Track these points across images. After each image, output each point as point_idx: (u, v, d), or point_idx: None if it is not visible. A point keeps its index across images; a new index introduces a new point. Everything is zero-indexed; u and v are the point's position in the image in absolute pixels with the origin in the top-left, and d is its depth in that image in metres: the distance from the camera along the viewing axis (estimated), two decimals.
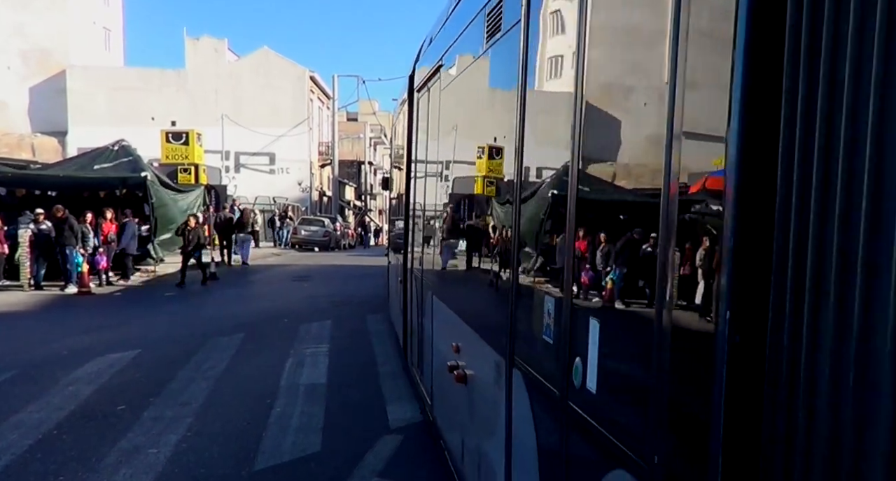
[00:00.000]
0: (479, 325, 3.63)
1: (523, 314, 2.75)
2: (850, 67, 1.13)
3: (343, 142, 48.21)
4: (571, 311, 2.17)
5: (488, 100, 3.74)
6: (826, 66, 1.17)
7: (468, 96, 4.34)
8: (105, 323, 11.13)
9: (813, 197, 1.18)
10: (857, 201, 1.10)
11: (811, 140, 1.19)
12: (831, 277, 1.14)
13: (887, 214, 1.06)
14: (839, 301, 1.12)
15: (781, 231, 1.25)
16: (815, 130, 1.19)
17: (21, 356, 8.40)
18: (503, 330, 2.96)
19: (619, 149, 2.08)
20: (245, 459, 5.21)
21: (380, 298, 12.76)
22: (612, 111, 2.10)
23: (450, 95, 4.89)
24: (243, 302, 13.91)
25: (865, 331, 1.07)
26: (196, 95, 40.90)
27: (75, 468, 5.00)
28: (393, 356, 8.60)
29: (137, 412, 6.28)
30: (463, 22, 4.21)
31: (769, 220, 1.27)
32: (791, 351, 1.22)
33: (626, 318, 1.94)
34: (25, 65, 39.61)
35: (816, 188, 1.17)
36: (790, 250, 1.23)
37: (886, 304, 1.04)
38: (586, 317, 2.03)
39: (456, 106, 4.72)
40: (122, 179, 16.82)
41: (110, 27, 45.63)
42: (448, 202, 5.09)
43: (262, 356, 8.71)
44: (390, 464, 5.14)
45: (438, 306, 5.00)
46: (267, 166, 42.47)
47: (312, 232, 32.10)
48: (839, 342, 1.11)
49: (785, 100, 1.25)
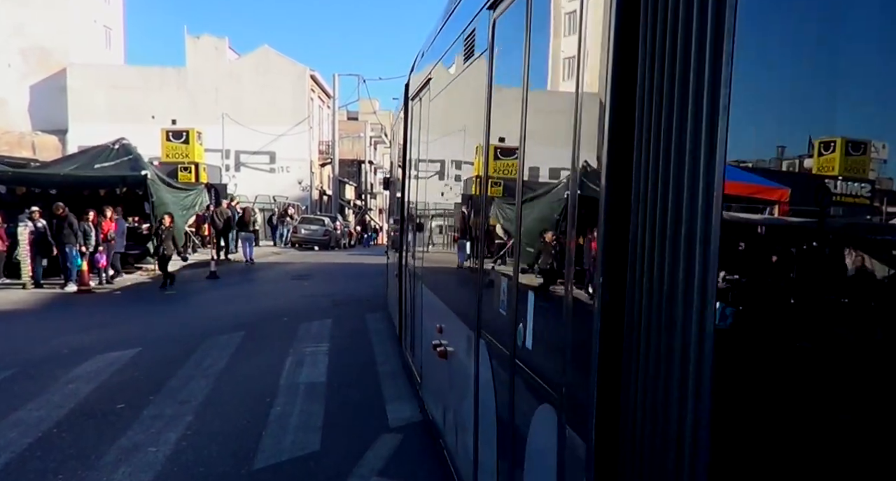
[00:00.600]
0: (456, 307, 4.25)
1: (487, 294, 3.37)
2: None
3: (343, 141, 48.19)
4: (517, 288, 2.76)
5: (466, 112, 4.16)
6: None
7: (451, 108, 4.91)
8: (105, 321, 11.13)
9: (649, 198, 1.73)
10: (677, 198, 1.62)
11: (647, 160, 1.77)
12: (660, 252, 1.69)
13: (695, 203, 1.55)
14: (666, 267, 1.66)
15: (633, 223, 1.81)
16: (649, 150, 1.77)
17: (21, 354, 8.40)
18: (473, 308, 3.58)
19: (550, 155, 2.57)
20: (244, 458, 5.21)
21: (379, 297, 12.76)
22: (545, 125, 2.66)
23: (437, 106, 5.47)
24: (243, 300, 13.90)
25: (685, 286, 1.60)
26: (196, 94, 40.88)
27: (75, 466, 5.00)
28: (392, 355, 8.61)
29: (137, 410, 6.28)
30: (447, 41, 4.81)
31: (626, 216, 1.84)
32: (640, 304, 1.77)
33: (549, 292, 2.50)
34: (26, 63, 39.59)
35: (651, 192, 1.72)
36: (639, 238, 1.78)
37: (693, 262, 1.57)
38: (526, 292, 2.64)
39: (442, 116, 5.30)
40: (122, 178, 16.81)
41: (111, 25, 45.61)
42: (436, 203, 5.65)
43: (262, 355, 8.72)
44: (390, 463, 5.15)
45: (427, 294, 5.70)
46: (267, 165, 42.44)
47: (312, 231, 32.11)
48: (669, 297, 1.65)
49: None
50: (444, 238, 5.33)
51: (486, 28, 3.42)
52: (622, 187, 1.85)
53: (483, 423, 3.40)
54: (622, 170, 1.86)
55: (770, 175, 1.42)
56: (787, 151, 1.40)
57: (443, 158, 5.46)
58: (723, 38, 1.48)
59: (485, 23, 3.47)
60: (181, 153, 24.08)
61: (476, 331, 3.52)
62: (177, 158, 23.93)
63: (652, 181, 1.72)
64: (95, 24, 43.33)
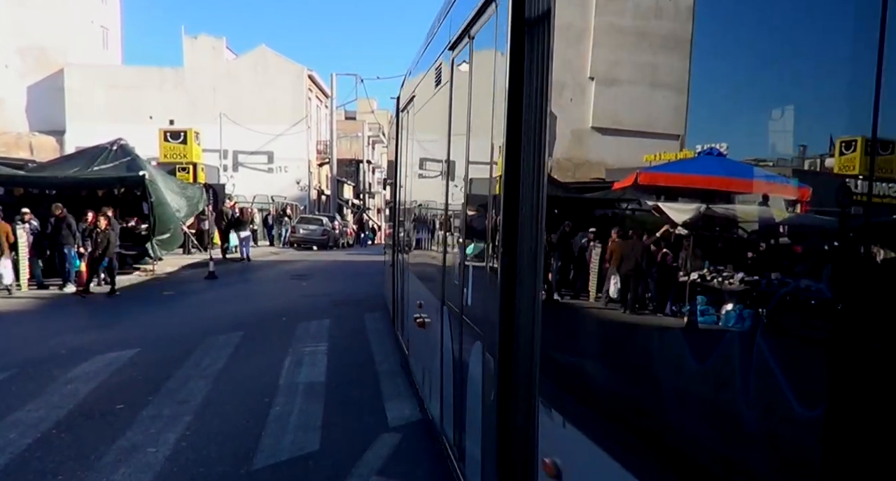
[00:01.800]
0: (430, 285, 5.38)
1: (448, 271, 4.38)
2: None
3: (341, 140, 48.18)
4: (463, 263, 3.79)
5: (436, 129, 5.06)
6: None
7: (427, 124, 5.91)
8: (103, 322, 11.13)
9: (525, 198, 2.69)
10: (522, 192, 2.71)
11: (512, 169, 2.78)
12: (529, 232, 2.64)
13: (539, 201, 2.46)
14: (527, 242, 2.65)
15: (520, 215, 2.75)
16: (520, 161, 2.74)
17: (19, 355, 8.40)
18: (439, 283, 4.71)
19: (482, 170, 3.37)
20: (244, 458, 5.22)
21: (378, 297, 12.77)
22: (484, 143, 3.30)
23: (419, 120, 6.49)
24: (241, 300, 13.90)
25: (533, 256, 2.56)
26: (194, 94, 40.84)
27: (74, 467, 5.00)
28: (391, 354, 8.61)
29: (136, 411, 6.28)
30: (425, 67, 5.84)
31: (515, 202, 2.75)
32: (515, 261, 2.78)
33: (479, 263, 3.43)
34: (23, 63, 39.51)
35: (514, 190, 2.74)
36: (520, 225, 2.74)
37: (537, 239, 2.54)
38: (467, 267, 3.70)
39: (422, 129, 6.32)
40: (120, 178, 16.80)
41: (108, 26, 45.53)
42: (419, 203, 6.69)
43: (261, 355, 8.72)
44: (389, 463, 5.16)
45: (412, 279, 6.83)
46: (265, 165, 42.40)
47: (311, 230, 32.10)
48: (530, 253, 2.60)
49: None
50: (424, 233, 6.28)
51: (448, 63, 4.37)
52: (513, 192, 2.76)
53: (444, 363, 4.52)
54: (514, 179, 2.74)
55: (791, 174, 1.42)
56: (808, 150, 1.40)
57: (421, 167, 6.43)
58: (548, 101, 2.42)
59: (448, 59, 4.39)
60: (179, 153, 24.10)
61: (441, 300, 4.63)
62: (175, 158, 23.95)
63: (527, 186, 2.64)
64: (93, 25, 43.26)
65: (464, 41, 3.89)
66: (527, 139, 2.62)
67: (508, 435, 2.81)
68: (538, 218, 2.44)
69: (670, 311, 1.76)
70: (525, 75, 2.67)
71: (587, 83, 2.26)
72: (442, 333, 4.50)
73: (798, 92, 1.38)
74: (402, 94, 8.35)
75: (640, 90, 2.00)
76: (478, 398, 3.37)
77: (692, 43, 1.68)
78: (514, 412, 2.77)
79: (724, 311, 1.54)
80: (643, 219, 1.93)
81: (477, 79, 3.55)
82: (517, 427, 2.72)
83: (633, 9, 2.05)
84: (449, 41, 4.30)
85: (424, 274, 5.88)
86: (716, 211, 1.66)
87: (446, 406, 4.46)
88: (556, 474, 2.15)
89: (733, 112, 1.56)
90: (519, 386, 2.74)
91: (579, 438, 2.03)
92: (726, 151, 1.54)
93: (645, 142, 1.94)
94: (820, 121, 1.34)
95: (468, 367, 3.62)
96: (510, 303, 2.80)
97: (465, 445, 3.76)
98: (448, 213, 4.51)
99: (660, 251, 1.81)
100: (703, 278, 1.62)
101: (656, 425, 1.72)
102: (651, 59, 1.92)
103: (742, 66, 1.52)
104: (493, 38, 3.11)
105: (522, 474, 2.61)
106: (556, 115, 2.43)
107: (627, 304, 1.99)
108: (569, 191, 2.47)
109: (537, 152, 2.50)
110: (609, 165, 2.21)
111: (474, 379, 3.44)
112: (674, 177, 1.78)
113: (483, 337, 3.23)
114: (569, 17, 2.38)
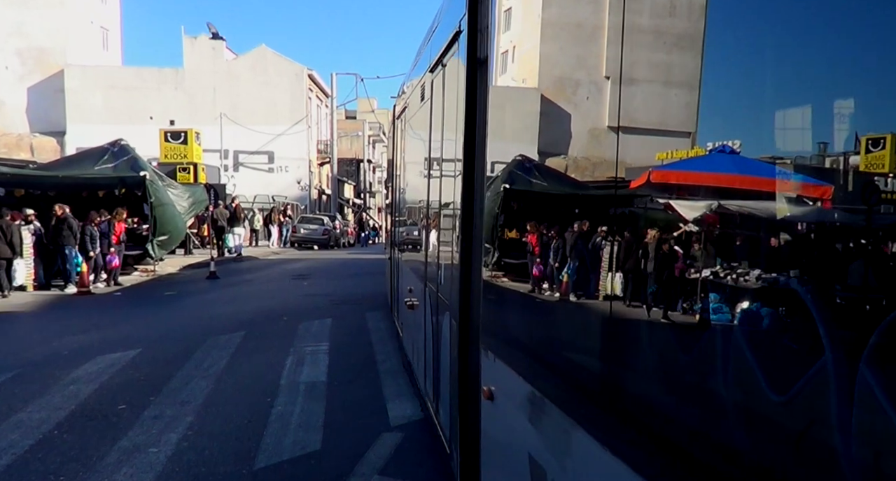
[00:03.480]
0: (418, 272, 6.16)
1: (431, 259, 5.29)
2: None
3: (342, 140, 48.20)
4: (438, 252, 4.74)
5: (422, 138, 5.77)
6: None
7: (414, 133, 6.70)
8: (105, 322, 11.13)
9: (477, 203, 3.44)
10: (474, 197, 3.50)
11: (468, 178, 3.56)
12: (480, 226, 3.37)
13: (476, 207, 3.42)
14: (476, 232, 3.47)
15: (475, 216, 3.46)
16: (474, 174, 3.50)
17: (21, 356, 8.40)
18: (423, 268, 5.65)
19: (452, 182, 4.05)
20: (245, 457, 5.22)
21: (380, 296, 12.77)
22: (451, 154, 4.03)
23: (409, 129, 7.36)
24: (242, 300, 13.89)
25: (476, 245, 3.49)
26: (194, 94, 40.85)
27: (76, 467, 5.00)
28: (393, 353, 8.61)
29: (138, 411, 6.28)
30: (416, 78, 6.49)
31: (471, 211, 3.48)
32: (471, 250, 3.52)
33: (447, 250, 4.29)
34: (23, 64, 39.51)
35: (469, 199, 3.54)
36: (474, 222, 3.46)
37: (476, 234, 3.50)
38: (440, 255, 4.64)
39: (411, 137, 7.16)
40: (120, 179, 16.79)
41: (108, 26, 45.53)
42: (408, 204, 7.67)
43: (262, 354, 8.72)
44: (391, 462, 5.15)
45: (405, 269, 7.92)
46: (266, 165, 42.42)
47: (312, 230, 32.14)
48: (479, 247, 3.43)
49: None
50: (413, 229, 7.25)
51: (430, 83, 5.15)
52: (469, 196, 3.50)
53: (427, 335, 5.44)
54: (470, 190, 3.51)
55: (812, 172, 1.40)
56: (829, 148, 1.38)
57: (411, 171, 7.25)
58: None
59: (429, 79, 5.18)
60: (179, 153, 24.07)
61: (424, 282, 5.61)
62: (175, 159, 23.92)
63: (479, 193, 3.37)
64: (92, 26, 43.25)
65: (439, 67, 4.71)
66: (479, 155, 3.31)
67: (466, 374, 3.66)
68: (479, 217, 3.31)
69: (568, 281, 2.51)
70: (477, 100, 3.39)
71: (603, 82, 2.25)
72: (425, 310, 5.59)
73: (814, 88, 1.36)
74: (398, 103, 9.44)
75: (653, 88, 1.97)
76: (447, 353, 4.32)
77: (704, 40, 1.66)
78: (467, 358, 3.63)
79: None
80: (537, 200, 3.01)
81: (448, 99, 4.25)
82: (468, 368, 3.62)
83: (648, 7, 2.03)
84: (430, 64, 5.14)
85: (413, 264, 6.82)
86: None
87: (428, 367, 5.44)
88: (489, 396, 3.07)
89: (746, 109, 1.54)
90: (470, 341, 3.58)
91: (506, 371, 2.90)
92: (739, 148, 1.52)
93: (658, 139, 1.92)
94: (839, 119, 1.32)
95: (441, 331, 4.61)
96: (467, 282, 3.59)
97: (440, 389, 4.81)
98: (429, 212, 5.45)
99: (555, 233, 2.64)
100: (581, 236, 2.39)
101: (556, 360, 2.58)
102: (665, 57, 1.90)
103: (755, 63, 1.50)
104: (456, 68, 3.91)
105: (472, 398, 3.49)
106: (570, 113, 2.53)
107: (532, 281, 2.87)
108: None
109: (482, 167, 3.31)
110: (628, 164, 2.19)
111: (445, 338, 4.41)
112: (687, 176, 1.76)
113: (450, 307, 4.10)
114: (582, 15, 2.48)
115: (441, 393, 4.76)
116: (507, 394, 2.88)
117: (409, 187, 7.71)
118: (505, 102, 3.40)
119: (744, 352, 1.52)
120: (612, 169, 2.15)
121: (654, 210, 1.93)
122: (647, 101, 1.97)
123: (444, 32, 4.51)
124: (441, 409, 4.76)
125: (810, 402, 1.33)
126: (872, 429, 1.18)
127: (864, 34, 1.23)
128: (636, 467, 1.71)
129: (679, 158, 1.76)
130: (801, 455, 1.37)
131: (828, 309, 1.30)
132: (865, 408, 1.16)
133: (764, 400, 1.43)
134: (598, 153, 2.33)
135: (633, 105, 2.00)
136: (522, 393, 2.67)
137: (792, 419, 1.38)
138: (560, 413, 2.28)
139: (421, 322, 5.77)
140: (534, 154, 2.86)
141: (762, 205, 1.53)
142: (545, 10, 2.85)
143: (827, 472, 1.30)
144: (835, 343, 1.25)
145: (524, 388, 2.66)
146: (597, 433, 1.96)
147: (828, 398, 1.26)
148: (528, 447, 2.60)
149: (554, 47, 2.75)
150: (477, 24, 3.44)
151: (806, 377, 1.35)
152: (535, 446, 2.54)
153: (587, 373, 2.28)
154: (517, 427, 2.77)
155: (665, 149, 1.84)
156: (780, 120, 1.45)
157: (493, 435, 3.19)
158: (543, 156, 2.83)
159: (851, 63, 1.28)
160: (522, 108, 3.14)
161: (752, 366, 1.49)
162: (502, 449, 3.07)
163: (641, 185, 1.93)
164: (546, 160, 2.85)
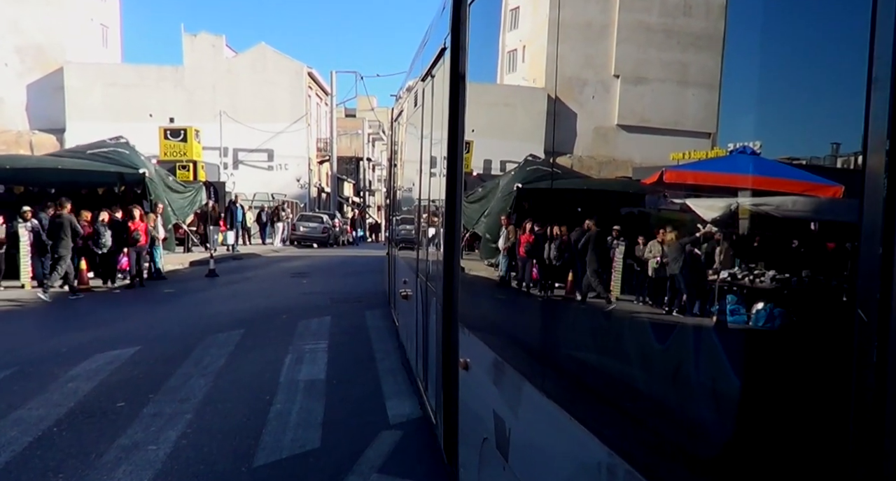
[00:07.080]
0: (411, 265, 6.78)
1: (422, 253, 5.83)
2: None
3: (341, 138, 48.17)
4: (428, 246, 5.29)
5: (415, 141, 6.28)
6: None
7: (409, 136, 7.30)
8: (104, 320, 11.12)
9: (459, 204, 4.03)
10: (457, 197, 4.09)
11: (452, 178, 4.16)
12: (467, 221, 3.95)
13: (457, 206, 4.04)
14: (457, 226, 4.09)
15: (457, 214, 4.03)
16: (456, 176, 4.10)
17: (20, 353, 8.40)
18: (416, 260, 6.29)
19: (438, 183, 4.71)
20: (244, 455, 5.22)
21: (379, 294, 12.77)
22: (439, 157, 4.55)
23: (405, 132, 8.04)
24: (241, 298, 13.88)
25: (457, 237, 4.13)
26: (194, 92, 40.83)
27: (75, 465, 5.01)
28: (392, 352, 8.62)
29: (137, 408, 6.28)
30: (411, 83, 6.94)
31: (454, 210, 4.06)
32: (454, 241, 4.13)
33: (438, 245, 4.69)
34: (22, 61, 39.47)
35: (452, 198, 4.14)
36: (455, 214, 4.04)
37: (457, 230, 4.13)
38: (429, 249, 5.21)
39: (406, 140, 7.83)
40: (120, 176, 16.76)
41: (108, 23, 45.45)
42: (406, 202, 8.22)
43: (261, 352, 8.72)
44: (390, 460, 5.16)
45: (401, 264, 8.51)
46: (265, 163, 42.42)
47: (311, 228, 32.13)
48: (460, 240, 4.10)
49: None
50: (408, 225, 7.80)
51: (422, 91, 5.65)
52: (453, 199, 4.02)
53: (418, 319, 5.95)
54: (453, 190, 4.01)
55: (823, 172, 1.39)
56: (841, 148, 1.37)
57: (405, 171, 7.85)
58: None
59: (421, 88, 5.65)
60: (179, 151, 24.09)
61: (416, 273, 6.26)
62: (175, 156, 23.93)
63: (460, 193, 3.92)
64: (92, 23, 43.18)
65: (429, 77, 5.18)
66: (459, 158, 3.83)
67: (449, 349, 4.12)
68: (460, 213, 3.93)
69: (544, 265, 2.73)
70: (458, 109, 3.85)
71: (611, 80, 2.22)
72: (416, 298, 6.15)
73: (838, 88, 1.34)
74: (396, 106, 10.18)
75: (668, 87, 1.94)
76: (433, 334, 4.87)
77: (725, 38, 1.63)
78: (449, 335, 4.10)
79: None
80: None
81: (436, 107, 4.69)
82: (449, 344, 4.12)
83: (659, 4, 2.00)
84: (422, 74, 5.60)
85: (407, 258, 7.49)
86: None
87: (418, 348, 6.01)
88: (465, 366, 3.59)
89: (767, 110, 1.51)
90: (452, 320, 4.05)
91: (478, 344, 3.38)
92: (759, 150, 1.50)
93: (672, 140, 1.89)
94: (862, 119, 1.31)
95: (429, 314, 5.15)
96: (450, 269, 4.08)
97: (428, 367, 5.38)
98: (420, 210, 6.11)
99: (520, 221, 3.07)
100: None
101: (525, 337, 2.90)
102: (681, 56, 1.87)
103: (777, 62, 1.46)
104: (442, 79, 4.30)
105: (452, 369, 4.01)
106: (577, 112, 2.51)
107: (504, 274, 3.27)
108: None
109: (461, 168, 3.88)
110: (637, 164, 2.13)
111: (432, 319, 4.96)
112: (700, 176, 1.73)
113: (437, 293, 4.61)
114: (591, 14, 2.47)
115: (429, 371, 5.34)
116: (478, 363, 3.48)
117: (405, 187, 8.33)
118: (513, 101, 3.44)
119: (675, 328, 1.76)
120: (620, 168, 2.17)
121: (666, 210, 1.90)
122: (660, 99, 1.92)
123: (432, 47, 5.05)
124: (430, 385, 5.35)
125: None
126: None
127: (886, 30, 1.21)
128: (576, 415, 2.11)
129: (697, 159, 1.73)
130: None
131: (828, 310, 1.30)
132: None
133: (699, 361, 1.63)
134: (606, 152, 2.29)
135: (645, 104, 1.97)
136: (489, 360, 3.22)
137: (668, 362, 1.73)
138: (515, 373, 2.77)
139: (413, 309, 6.46)
140: (540, 153, 2.81)
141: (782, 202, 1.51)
142: (552, 9, 2.79)
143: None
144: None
145: (490, 356, 3.20)
146: (544, 388, 2.41)
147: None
148: (492, 405, 3.09)
149: (562, 47, 2.65)
150: (458, 43, 3.96)
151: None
152: (498, 403, 3.02)
153: (539, 342, 2.72)
154: (484, 389, 3.32)
155: (680, 150, 1.79)
156: (803, 121, 1.43)
157: (467, 399, 3.77)
158: (550, 156, 2.75)
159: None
160: (530, 107, 3.11)
161: (692, 339, 1.69)
162: (474, 410, 3.59)
163: (653, 184, 1.90)
164: (553, 159, 2.77)
